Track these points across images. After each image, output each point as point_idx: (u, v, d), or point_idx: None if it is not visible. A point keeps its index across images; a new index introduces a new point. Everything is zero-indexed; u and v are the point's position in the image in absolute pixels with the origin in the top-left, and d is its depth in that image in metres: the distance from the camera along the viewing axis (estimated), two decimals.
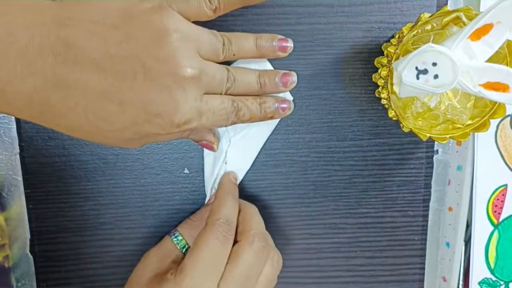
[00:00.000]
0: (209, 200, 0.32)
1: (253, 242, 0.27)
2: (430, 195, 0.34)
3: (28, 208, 0.32)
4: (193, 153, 0.33)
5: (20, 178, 0.32)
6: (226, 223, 0.28)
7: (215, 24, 0.31)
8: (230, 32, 0.26)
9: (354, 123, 0.33)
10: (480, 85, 0.25)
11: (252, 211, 0.30)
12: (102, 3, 0.22)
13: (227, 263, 0.26)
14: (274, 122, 0.32)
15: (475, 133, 0.32)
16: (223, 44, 0.25)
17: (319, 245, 0.35)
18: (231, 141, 0.32)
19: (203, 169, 0.33)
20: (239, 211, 0.30)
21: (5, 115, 0.31)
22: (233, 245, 0.27)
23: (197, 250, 0.26)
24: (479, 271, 0.34)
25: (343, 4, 0.31)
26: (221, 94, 0.26)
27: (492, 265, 0.34)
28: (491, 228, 0.34)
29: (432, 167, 0.34)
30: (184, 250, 0.30)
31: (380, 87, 0.30)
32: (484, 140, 0.33)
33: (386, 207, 0.35)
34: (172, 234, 0.31)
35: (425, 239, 0.35)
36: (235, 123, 0.27)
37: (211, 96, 0.25)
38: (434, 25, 0.27)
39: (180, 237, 0.31)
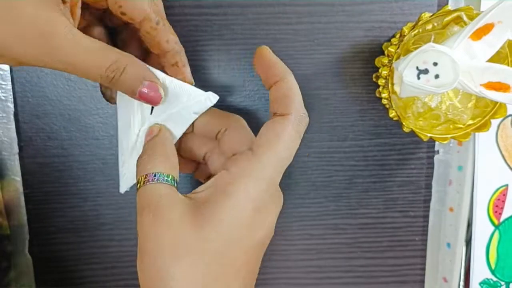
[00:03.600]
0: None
1: (296, 119, 0.24)
2: (431, 195, 0.34)
3: (27, 209, 0.32)
4: None
5: (19, 178, 0.32)
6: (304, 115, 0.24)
7: (215, 23, 0.30)
8: None
9: (354, 123, 0.33)
10: (481, 85, 0.25)
11: (293, 84, 0.25)
12: None
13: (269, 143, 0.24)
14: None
15: (476, 133, 0.32)
16: None
17: (319, 245, 0.35)
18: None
19: None
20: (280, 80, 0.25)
21: (4, 115, 0.31)
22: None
23: (295, 101, 0.23)
24: (480, 272, 0.34)
25: (343, 3, 0.31)
26: None
27: (493, 266, 0.34)
28: (492, 228, 0.34)
29: (433, 167, 0.34)
30: (175, 184, 0.24)
31: (381, 87, 0.30)
32: (485, 140, 0.32)
33: (387, 208, 0.34)
34: (154, 179, 0.23)
35: (426, 240, 0.35)
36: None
37: None
38: (435, 24, 0.27)
39: (167, 175, 0.24)
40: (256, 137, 0.24)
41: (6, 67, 0.31)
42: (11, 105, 0.31)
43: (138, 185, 0.24)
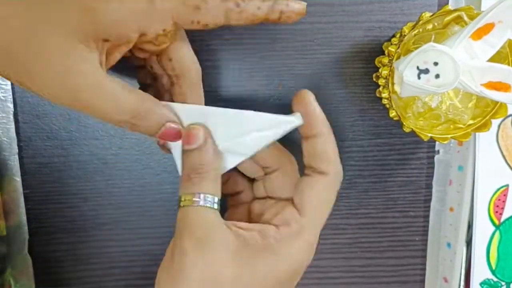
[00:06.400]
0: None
1: (336, 178, 0.25)
2: (431, 195, 0.34)
3: (26, 209, 0.32)
4: None
5: (18, 178, 0.32)
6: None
7: None
8: None
9: (354, 123, 0.33)
10: (481, 84, 0.25)
11: (331, 140, 0.25)
12: None
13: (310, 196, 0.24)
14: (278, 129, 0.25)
15: (477, 133, 0.32)
16: None
17: (319, 245, 0.35)
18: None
19: None
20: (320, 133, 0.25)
21: (4, 115, 0.31)
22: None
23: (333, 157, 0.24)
24: (481, 272, 0.34)
25: (343, 3, 0.31)
26: None
27: (494, 266, 0.34)
28: (493, 228, 0.33)
29: (433, 167, 0.34)
30: (219, 207, 0.24)
31: (381, 87, 0.30)
32: (485, 140, 0.32)
33: (387, 208, 0.34)
34: (199, 201, 0.23)
35: (426, 240, 0.35)
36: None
37: None
38: (435, 24, 0.27)
39: (213, 198, 0.23)
40: (299, 193, 0.25)
41: None
42: (11, 105, 0.31)
43: (182, 203, 0.23)
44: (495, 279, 0.34)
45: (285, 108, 0.28)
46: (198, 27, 0.22)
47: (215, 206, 0.23)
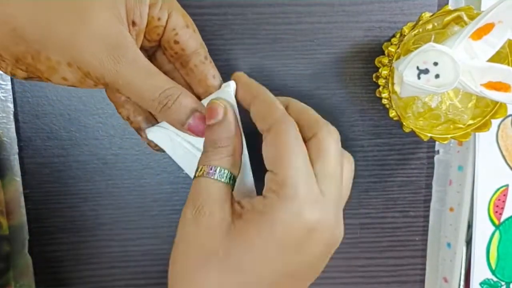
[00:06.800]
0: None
1: (331, 130, 0.24)
2: (431, 195, 0.34)
3: (26, 209, 0.32)
4: None
5: (19, 178, 0.32)
6: (289, 119, 0.23)
7: (215, 23, 0.30)
8: None
9: (354, 123, 0.33)
10: (481, 84, 0.25)
11: (300, 104, 0.26)
12: None
13: (315, 161, 0.23)
14: None
15: (476, 133, 0.32)
16: None
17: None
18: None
19: None
20: (287, 107, 0.25)
21: (3, 115, 0.31)
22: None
23: (288, 154, 0.22)
24: (480, 272, 0.34)
25: (343, 3, 0.31)
26: None
27: (493, 266, 0.34)
28: (492, 228, 0.33)
29: (433, 167, 0.34)
30: (232, 182, 0.24)
31: (381, 87, 0.30)
32: (485, 140, 0.32)
33: (387, 208, 0.34)
34: (210, 173, 0.23)
35: (426, 240, 0.35)
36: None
37: None
38: (435, 24, 0.27)
39: (224, 171, 0.23)
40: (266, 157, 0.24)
41: None
42: (11, 105, 0.31)
43: (197, 173, 0.24)
44: (495, 279, 0.34)
45: None
46: (167, 38, 0.25)
47: (224, 179, 0.23)
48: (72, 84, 0.23)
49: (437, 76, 0.24)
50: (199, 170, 0.24)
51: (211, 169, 0.23)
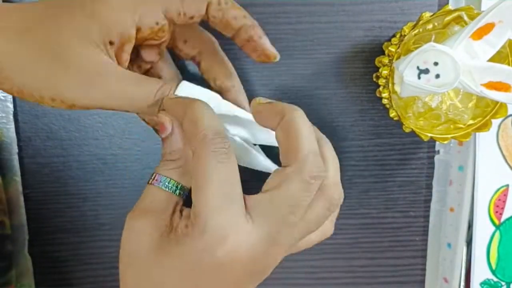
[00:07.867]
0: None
1: (303, 168, 0.21)
2: (431, 195, 0.34)
3: (26, 209, 0.32)
4: None
5: (18, 178, 0.32)
6: (217, 135, 0.22)
7: None
8: None
9: (355, 123, 0.33)
10: (482, 84, 0.25)
11: (299, 120, 0.22)
12: None
13: (267, 190, 0.22)
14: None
15: (477, 133, 0.32)
16: None
17: (319, 246, 0.35)
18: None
19: None
20: (282, 118, 0.22)
21: (3, 115, 0.31)
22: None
23: (203, 184, 0.21)
24: (481, 272, 0.34)
25: (344, 3, 0.31)
26: None
27: (494, 266, 0.34)
28: (493, 228, 0.33)
29: (433, 168, 0.34)
30: (178, 192, 0.24)
31: (381, 87, 0.30)
32: (485, 140, 0.32)
33: (387, 208, 0.34)
34: (156, 182, 0.24)
35: (426, 240, 0.35)
36: None
37: None
38: (436, 24, 0.27)
39: (169, 181, 0.24)
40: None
41: None
42: (11, 105, 0.31)
43: (149, 179, 0.25)
44: (495, 279, 0.34)
45: None
46: (185, 20, 0.24)
47: (169, 189, 0.24)
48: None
49: (437, 76, 0.24)
50: (151, 177, 0.25)
51: (158, 177, 0.24)
